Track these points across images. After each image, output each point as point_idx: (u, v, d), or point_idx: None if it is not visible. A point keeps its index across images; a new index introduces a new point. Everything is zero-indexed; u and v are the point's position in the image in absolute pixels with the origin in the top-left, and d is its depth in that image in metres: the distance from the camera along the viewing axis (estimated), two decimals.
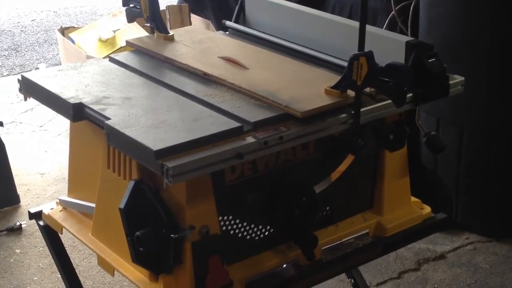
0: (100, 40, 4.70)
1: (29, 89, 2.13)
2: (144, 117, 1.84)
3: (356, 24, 2.20)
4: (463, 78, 2.07)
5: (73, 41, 4.79)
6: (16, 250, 3.48)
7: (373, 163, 2.11)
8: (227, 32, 2.52)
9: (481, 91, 3.19)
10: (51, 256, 2.45)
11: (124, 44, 2.63)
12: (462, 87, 2.07)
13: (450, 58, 1.78)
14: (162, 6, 4.38)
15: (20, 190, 3.91)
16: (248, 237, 1.93)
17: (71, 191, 2.26)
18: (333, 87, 1.90)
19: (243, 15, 2.52)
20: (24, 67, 5.99)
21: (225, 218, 1.88)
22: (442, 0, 3.22)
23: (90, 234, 2.11)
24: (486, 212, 3.45)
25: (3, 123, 3.89)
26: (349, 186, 2.06)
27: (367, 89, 1.90)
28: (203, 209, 1.80)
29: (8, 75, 5.85)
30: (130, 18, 2.43)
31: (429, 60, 1.95)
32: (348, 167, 2.03)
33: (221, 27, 2.56)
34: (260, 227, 1.94)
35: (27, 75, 2.14)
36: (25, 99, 2.16)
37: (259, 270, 1.93)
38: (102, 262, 2.04)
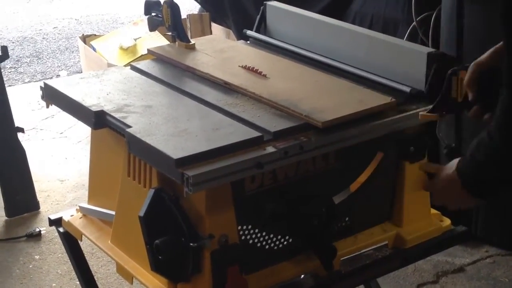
0: (121, 48, 4.72)
1: (52, 96, 2.14)
2: (165, 125, 1.84)
3: (376, 34, 2.21)
4: None
5: (94, 49, 4.82)
6: (35, 256, 3.50)
7: (393, 174, 2.10)
8: (248, 42, 2.52)
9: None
10: (70, 263, 2.45)
11: (145, 52, 2.65)
12: None
13: None
14: (183, 15, 4.39)
15: (40, 197, 3.93)
16: (267, 246, 1.93)
17: (91, 198, 2.27)
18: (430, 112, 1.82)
19: (264, 25, 2.52)
20: (45, 74, 6.03)
21: (244, 227, 1.88)
22: (464, 11, 3.20)
23: (109, 242, 2.12)
24: (505, 225, 3.42)
25: (24, 130, 3.91)
26: (368, 197, 2.05)
27: (390, 99, 1.90)
28: (222, 218, 1.80)
29: (29, 81, 5.89)
30: (152, 27, 2.44)
31: None
32: (367, 178, 2.02)
33: (242, 36, 2.57)
34: (279, 237, 1.94)
35: (50, 82, 2.16)
36: (47, 106, 2.18)
37: (278, 280, 1.93)
38: (120, 270, 2.05)
